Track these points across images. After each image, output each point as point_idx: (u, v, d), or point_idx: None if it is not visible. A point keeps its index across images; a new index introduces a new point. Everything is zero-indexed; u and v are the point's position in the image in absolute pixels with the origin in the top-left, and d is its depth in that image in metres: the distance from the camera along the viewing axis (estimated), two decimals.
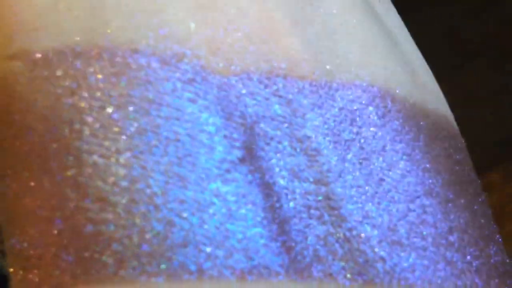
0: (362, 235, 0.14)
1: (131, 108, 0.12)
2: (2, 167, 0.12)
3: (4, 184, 0.12)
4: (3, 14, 0.13)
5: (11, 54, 0.13)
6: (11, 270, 0.12)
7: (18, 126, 0.12)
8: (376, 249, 0.14)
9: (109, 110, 0.12)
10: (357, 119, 0.15)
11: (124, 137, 0.12)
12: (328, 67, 0.15)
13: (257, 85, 0.14)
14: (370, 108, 0.15)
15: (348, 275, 0.13)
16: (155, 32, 0.13)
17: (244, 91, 0.14)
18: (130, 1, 0.13)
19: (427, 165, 0.15)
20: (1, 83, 0.13)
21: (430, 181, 0.15)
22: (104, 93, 0.12)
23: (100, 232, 0.12)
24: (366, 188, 0.14)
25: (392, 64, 0.16)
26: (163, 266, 0.12)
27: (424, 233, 0.14)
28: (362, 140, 0.14)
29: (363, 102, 0.15)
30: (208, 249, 0.12)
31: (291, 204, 0.13)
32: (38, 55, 0.12)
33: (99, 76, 0.12)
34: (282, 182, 0.13)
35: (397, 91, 0.15)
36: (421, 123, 0.16)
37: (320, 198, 0.14)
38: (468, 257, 0.15)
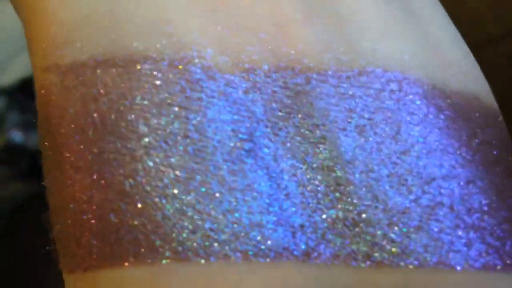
0: (371, 218, 0.14)
1: (144, 110, 0.14)
2: (47, 165, 0.15)
3: (48, 179, 0.14)
4: (39, 31, 0.15)
5: (45, 67, 0.14)
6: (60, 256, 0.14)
7: (55, 130, 0.14)
8: (386, 232, 0.14)
9: (124, 113, 0.14)
10: (369, 105, 0.15)
11: (137, 136, 0.14)
12: (339, 56, 0.15)
13: (264, 79, 0.15)
14: (384, 93, 0.15)
15: (356, 257, 0.14)
16: (165, 39, 0.14)
17: (251, 86, 0.14)
18: (144, 14, 0.14)
19: (446, 147, 0.15)
20: (39, 93, 0.15)
21: (449, 162, 0.15)
22: (120, 97, 0.14)
23: (121, 221, 0.13)
24: (378, 172, 0.14)
25: (410, 47, 0.16)
26: (174, 250, 0.13)
27: (439, 215, 0.14)
28: (375, 126, 0.15)
29: (376, 87, 0.15)
30: (215, 235, 0.13)
31: (299, 190, 0.14)
32: (67, 67, 0.14)
33: (116, 82, 0.14)
34: (290, 170, 0.14)
35: (415, 73, 0.15)
36: (442, 104, 0.15)
37: (328, 183, 0.14)
38: (489, 239, 0.14)
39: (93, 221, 0.13)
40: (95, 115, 0.14)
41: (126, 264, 0.13)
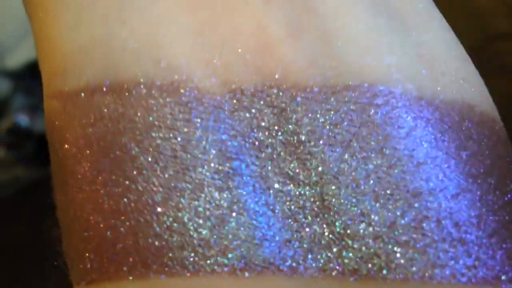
0: (357, 233, 0.14)
1: (135, 132, 0.14)
2: (55, 183, 0.16)
3: (56, 196, 0.15)
4: (44, 59, 0.16)
5: (50, 94, 0.15)
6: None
7: (58, 152, 0.15)
8: (371, 246, 0.14)
9: (118, 136, 0.14)
10: (355, 119, 0.15)
11: (130, 157, 0.14)
12: (324, 72, 0.15)
13: (250, 98, 0.15)
14: (370, 108, 0.15)
15: (343, 271, 0.14)
16: (155, 65, 0.15)
17: (238, 106, 0.15)
18: (136, 40, 0.15)
19: (434, 160, 0.15)
20: (46, 118, 0.16)
21: (436, 176, 0.15)
22: (114, 122, 0.15)
23: (117, 237, 0.14)
24: (363, 187, 0.15)
25: (398, 59, 0.16)
26: (164, 265, 0.14)
27: (425, 229, 0.14)
28: (361, 140, 0.15)
29: (362, 102, 0.15)
30: (202, 250, 0.14)
31: (286, 206, 0.15)
32: (67, 94, 0.15)
33: (110, 108, 0.15)
34: (276, 186, 0.15)
35: (402, 86, 0.15)
36: (430, 117, 0.15)
37: (314, 199, 0.15)
38: (477, 252, 0.15)
39: (93, 237, 0.14)
40: (93, 138, 0.15)
41: (122, 278, 0.14)
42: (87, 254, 0.14)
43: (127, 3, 0.15)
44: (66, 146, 0.15)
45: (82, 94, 0.15)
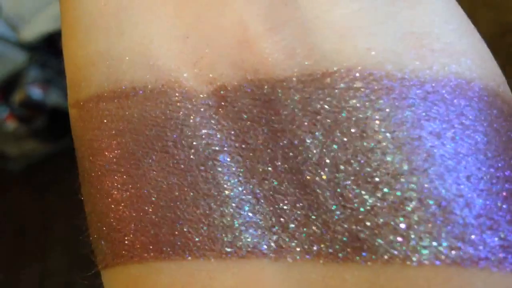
0: (339, 217, 0.15)
1: (132, 132, 0.16)
2: (80, 181, 0.18)
3: (81, 192, 0.18)
4: (66, 73, 0.18)
5: (71, 104, 0.18)
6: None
7: (78, 152, 0.18)
8: (354, 230, 0.15)
9: (119, 136, 0.16)
10: (334, 105, 0.15)
11: (128, 153, 0.16)
12: (302, 61, 0.16)
13: (234, 93, 0.16)
14: (349, 92, 0.15)
15: (325, 254, 0.15)
16: (148, 71, 0.16)
17: (222, 102, 0.16)
18: (132, 51, 0.17)
19: (415, 140, 0.15)
20: (71, 125, 0.18)
21: (418, 156, 0.14)
22: (114, 123, 0.17)
23: (121, 226, 0.16)
24: (344, 172, 0.15)
25: (378, 41, 0.15)
26: (158, 250, 0.15)
27: (407, 210, 0.14)
28: (341, 126, 0.15)
29: (341, 87, 0.15)
30: (191, 236, 0.15)
31: (269, 193, 0.15)
32: (82, 103, 0.17)
33: (112, 112, 0.17)
34: (260, 175, 0.16)
35: (383, 68, 0.15)
36: (412, 96, 0.15)
37: (297, 186, 0.15)
38: (462, 233, 0.14)
39: (104, 227, 0.16)
40: (100, 140, 0.17)
41: (127, 263, 0.16)
42: (100, 241, 0.16)
43: (124, 18, 0.17)
44: (82, 148, 0.17)
45: (91, 102, 0.17)
